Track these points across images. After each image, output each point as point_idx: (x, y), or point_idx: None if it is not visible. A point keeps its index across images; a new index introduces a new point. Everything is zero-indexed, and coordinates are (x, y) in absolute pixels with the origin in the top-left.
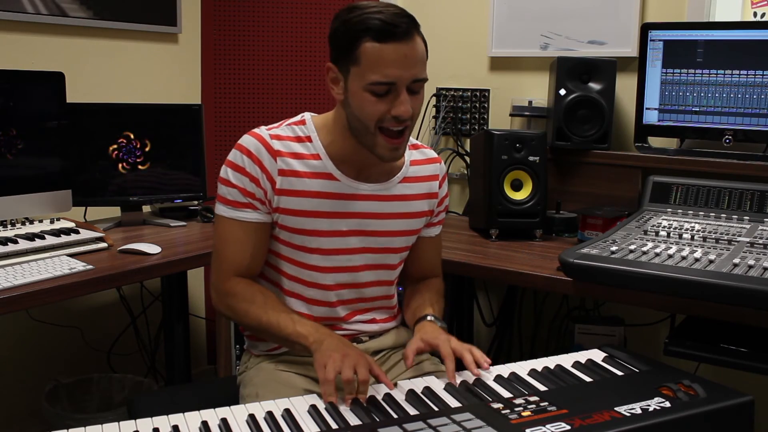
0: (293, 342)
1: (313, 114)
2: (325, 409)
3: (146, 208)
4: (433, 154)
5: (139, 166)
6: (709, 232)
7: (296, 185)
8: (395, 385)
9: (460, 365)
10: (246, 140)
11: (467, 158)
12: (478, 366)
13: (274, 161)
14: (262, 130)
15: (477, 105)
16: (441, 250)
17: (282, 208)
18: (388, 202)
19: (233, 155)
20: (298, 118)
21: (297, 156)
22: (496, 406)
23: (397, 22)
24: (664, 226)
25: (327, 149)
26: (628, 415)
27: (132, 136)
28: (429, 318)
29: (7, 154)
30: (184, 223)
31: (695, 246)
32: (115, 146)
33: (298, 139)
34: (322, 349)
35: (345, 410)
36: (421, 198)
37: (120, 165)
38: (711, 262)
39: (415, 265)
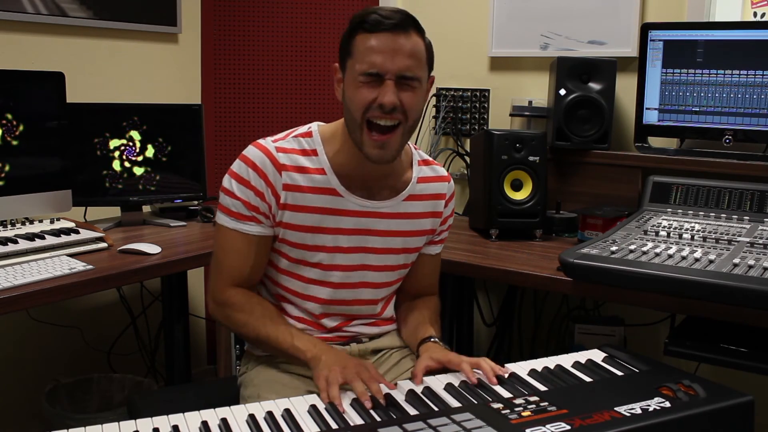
0: (291, 356)
1: (320, 123)
2: (325, 409)
3: (146, 208)
4: (443, 172)
5: (139, 166)
6: (709, 232)
7: (300, 200)
8: (395, 385)
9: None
10: (251, 152)
11: (467, 158)
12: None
13: (279, 175)
14: (268, 142)
15: (477, 105)
16: (439, 269)
17: (285, 223)
18: (391, 220)
19: (238, 167)
20: (305, 129)
21: (302, 170)
22: (496, 406)
23: (390, 15)
24: (664, 226)
25: (332, 162)
26: (628, 415)
27: (132, 136)
28: (433, 339)
29: (11, 141)
30: (184, 223)
31: (695, 246)
32: (115, 146)
33: (304, 152)
34: (320, 366)
35: (345, 410)
36: (425, 216)
37: (120, 165)
38: (711, 262)
39: (412, 281)
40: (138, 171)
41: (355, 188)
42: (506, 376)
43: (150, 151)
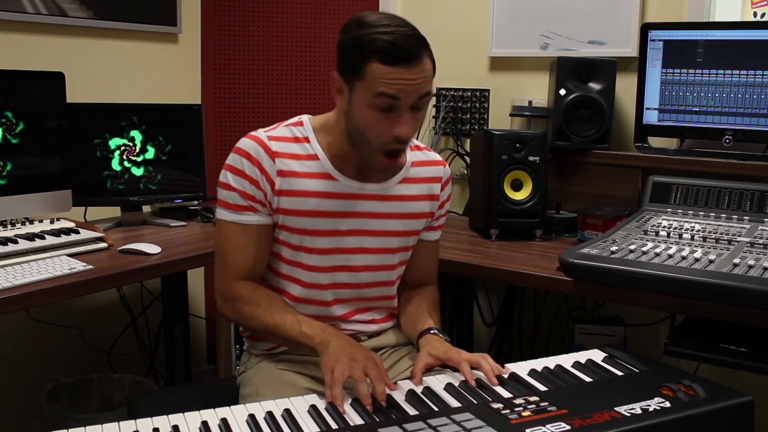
0: (300, 343)
1: (310, 116)
2: (325, 409)
3: (146, 208)
4: (436, 156)
5: (139, 166)
6: (709, 232)
7: (295, 185)
8: (396, 384)
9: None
10: (244, 143)
11: (467, 158)
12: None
13: (273, 162)
14: (260, 132)
15: (477, 105)
16: (438, 256)
17: (282, 209)
18: (387, 202)
19: (232, 159)
20: (295, 119)
21: (295, 157)
22: (496, 406)
23: (407, 45)
24: (664, 226)
25: (325, 150)
26: (628, 415)
27: (132, 136)
28: (433, 331)
29: (11, 141)
30: (184, 223)
31: (695, 246)
32: (115, 146)
33: (296, 140)
34: (328, 351)
35: (345, 410)
36: (422, 199)
37: (120, 165)
38: (711, 262)
39: (411, 268)
40: (138, 171)
41: (348, 172)
42: (506, 376)
43: (150, 151)
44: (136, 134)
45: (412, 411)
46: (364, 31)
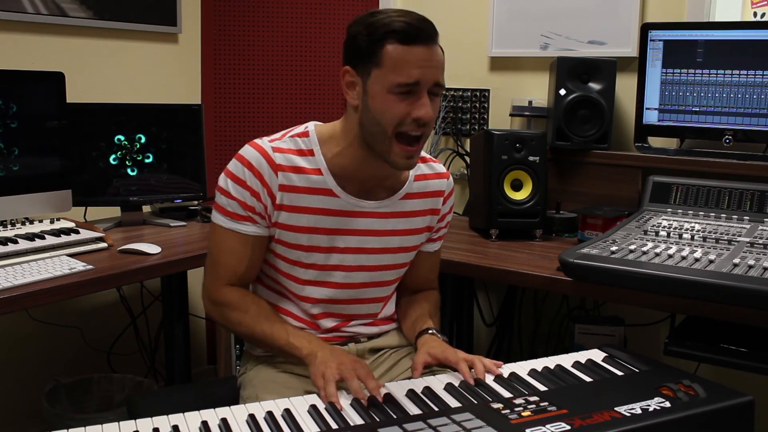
0: (287, 353)
1: (317, 123)
2: (325, 409)
3: (146, 208)
4: (441, 168)
5: (139, 166)
6: (709, 232)
7: (296, 201)
8: (395, 384)
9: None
10: (248, 152)
11: (467, 158)
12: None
13: (275, 176)
14: (265, 142)
15: (477, 105)
16: (438, 264)
17: (281, 224)
18: (388, 219)
19: (234, 166)
20: (302, 128)
21: (298, 170)
22: (496, 406)
23: (422, 26)
24: (664, 226)
25: (329, 163)
26: (628, 415)
27: (132, 136)
28: (431, 332)
29: (8, 152)
30: (184, 223)
31: (695, 246)
32: (115, 146)
33: (300, 153)
34: (316, 362)
35: (345, 410)
36: (423, 214)
37: (120, 165)
38: (711, 262)
39: (412, 277)
40: (138, 171)
41: (351, 189)
42: (500, 370)
43: (150, 151)
44: (136, 134)
45: (412, 411)
46: (377, 18)
